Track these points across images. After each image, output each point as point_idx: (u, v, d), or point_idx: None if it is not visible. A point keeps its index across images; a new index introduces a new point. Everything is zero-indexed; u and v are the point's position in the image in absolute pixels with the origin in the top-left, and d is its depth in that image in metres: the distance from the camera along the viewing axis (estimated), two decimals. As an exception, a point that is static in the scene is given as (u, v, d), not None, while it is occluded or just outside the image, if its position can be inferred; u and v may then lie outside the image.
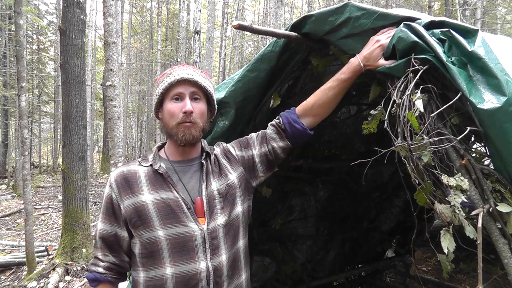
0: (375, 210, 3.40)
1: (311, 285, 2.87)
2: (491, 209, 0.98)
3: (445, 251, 1.03)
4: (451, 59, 1.04)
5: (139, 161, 1.27)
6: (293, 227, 2.88)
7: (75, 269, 4.94)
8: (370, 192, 3.20)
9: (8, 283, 5.16)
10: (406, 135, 1.08)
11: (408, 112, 1.07)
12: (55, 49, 16.96)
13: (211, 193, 1.21)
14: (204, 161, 1.26)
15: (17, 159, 11.64)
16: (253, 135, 1.40)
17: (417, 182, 1.10)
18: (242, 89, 1.60)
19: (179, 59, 14.54)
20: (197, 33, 10.46)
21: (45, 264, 5.21)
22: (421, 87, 1.07)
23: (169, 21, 21.61)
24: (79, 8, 5.27)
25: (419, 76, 1.07)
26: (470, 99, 0.97)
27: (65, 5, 5.24)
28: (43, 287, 4.51)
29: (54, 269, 4.87)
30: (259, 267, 2.59)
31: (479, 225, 0.96)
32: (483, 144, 1.10)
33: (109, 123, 4.72)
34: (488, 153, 1.06)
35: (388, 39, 1.18)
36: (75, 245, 5.21)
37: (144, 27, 21.61)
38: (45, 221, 8.82)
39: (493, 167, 1.03)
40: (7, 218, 9.17)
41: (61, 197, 7.90)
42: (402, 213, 3.50)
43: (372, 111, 1.27)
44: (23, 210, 5.44)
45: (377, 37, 1.22)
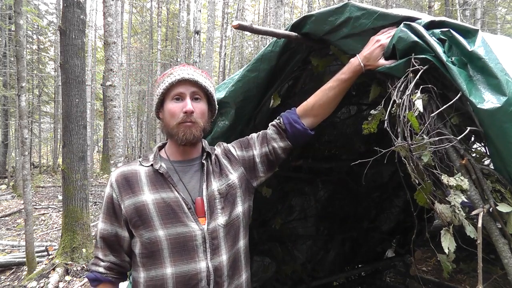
0: (375, 210, 3.40)
1: (311, 285, 2.87)
2: (491, 209, 0.98)
3: (446, 251, 1.03)
4: (451, 59, 1.04)
5: (139, 161, 1.27)
6: (293, 227, 2.88)
7: (75, 269, 4.94)
8: (370, 192, 3.20)
9: (8, 283, 5.16)
10: (406, 135, 1.08)
11: (408, 112, 1.07)
12: (55, 49, 16.97)
13: (212, 193, 1.21)
14: (204, 161, 1.26)
15: (17, 159, 11.64)
16: (253, 135, 1.40)
17: (417, 182, 1.10)
18: (242, 89, 1.60)
19: (179, 59, 14.54)
20: (197, 33, 10.46)
21: (45, 264, 5.21)
22: (421, 87, 1.07)
23: (169, 21, 21.61)
24: (79, 8, 5.27)
25: (419, 76, 1.07)
26: (470, 99, 0.97)
27: (65, 5, 5.24)
28: (43, 287, 4.51)
29: (54, 269, 4.87)
30: (259, 267, 2.59)
31: (479, 225, 0.96)
32: (483, 144, 1.10)
33: (109, 123, 4.73)
34: (488, 153, 1.06)
35: (388, 39, 1.18)
36: (75, 245, 5.21)
37: (144, 27, 21.61)
38: (45, 221, 8.82)
39: (493, 167, 1.04)
40: (7, 218, 9.17)
41: (61, 197, 7.90)
42: (402, 213, 3.50)
43: (372, 111, 1.27)
44: (23, 210, 5.44)
45: (377, 37, 1.22)
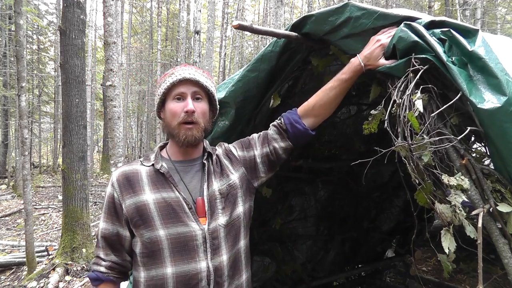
0: (375, 210, 3.40)
1: (311, 285, 2.87)
2: (491, 209, 0.98)
3: (446, 251, 1.03)
4: (452, 59, 1.04)
5: (141, 161, 1.27)
6: (293, 227, 2.88)
7: (75, 269, 4.94)
8: (370, 192, 3.20)
9: (8, 283, 5.16)
10: (406, 135, 1.08)
11: (408, 112, 1.07)
12: (55, 49, 16.96)
13: (213, 193, 1.21)
14: (205, 161, 1.26)
15: (17, 159, 11.64)
16: (254, 136, 1.40)
17: (417, 182, 1.10)
18: (242, 89, 1.60)
19: (179, 59, 14.54)
20: (197, 33, 10.46)
21: (45, 264, 5.21)
22: (421, 87, 1.07)
23: (169, 21, 21.62)
24: (79, 8, 5.27)
25: (419, 76, 1.07)
26: (470, 99, 0.97)
27: (65, 5, 5.24)
28: (43, 287, 4.51)
29: (54, 269, 4.87)
30: (259, 267, 2.58)
31: (479, 225, 0.96)
32: (483, 144, 1.10)
33: (109, 123, 4.73)
34: (488, 153, 1.06)
35: (388, 39, 1.18)
36: (75, 245, 5.21)
37: (144, 27, 21.61)
38: (45, 221, 8.82)
39: (493, 167, 1.04)
40: (7, 218, 9.17)
41: (61, 197, 7.90)
42: (402, 213, 3.50)
43: (372, 111, 1.27)
44: (23, 210, 5.44)
45: (377, 36, 1.22)
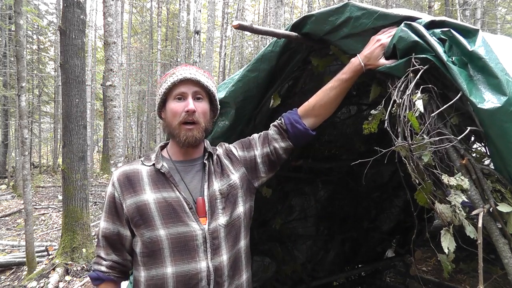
0: (375, 210, 3.40)
1: (311, 285, 2.87)
2: (491, 209, 0.98)
3: (446, 251, 1.03)
4: (452, 58, 1.04)
5: (141, 161, 1.27)
6: (293, 227, 2.88)
7: (75, 269, 4.94)
8: (370, 192, 3.20)
9: (8, 283, 5.16)
10: (406, 135, 1.08)
11: (408, 112, 1.07)
12: (55, 49, 16.96)
13: (213, 193, 1.21)
14: (206, 161, 1.26)
15: (17, 159, 11.64)
16: (255, 136, 1.40)
17: (418, 182, 1.10)
18: (242, 89, 1.60)
19: (179, 59, 14.54)
20: (197, 33, 10.46)
21: (45, 264, 5.21)
22: (422, 87, 1.07)
23: (169, 21, 21.62)
24: (79, 8, 5.27)
25: (419, 76, 1.07)
26: (470, 99, 0.97)
27: (65, 5, 5.24)
28: (43, 287, 4.50)
29: (54, 269, 4.87)
30: (259, 267, 2.58)
31: (480, 225, 0.96)
32: (483, 144, 1.10)
33: (109, 123, 4.73)
34: (488, 153, 1.06)
35: (388, 39, 1.18)
36: (75, 245, 5.21)
37: (144, 27, 21.62)
38: (45, 221, 8.82)
39: (494, 167, 1.04)
40: (7, 218, 9.17)
41: (61, 197, 7.90)
42: (402, 213, 3.50)
43: (372, 111, 1.27)
44: (23, 210, 5.44)
45: (377, 36, 1.22)
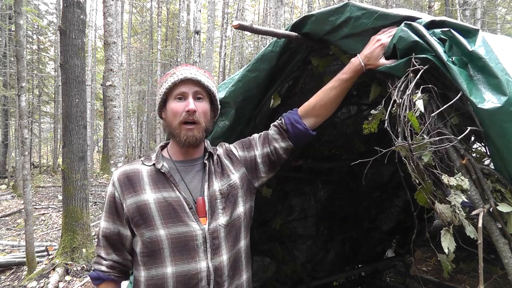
0: (375, 210, 3.40)
1: (311, 285, 2.87)
2: (491, 209, 0.98)
3: (446, 251, 1.03)
4: (452, 58, 1.04)
5: (142, 161, 1.27)
6: (293, 227, 2.88)
7: (75, 269, 4.94)
8: (370, 192, 3.20)
9: (8, 283, 5.16)
10: (406, 135, 1.08)
11: (408, 112, 1.07)
12: (55, 49, 16.96)
13: (213, 193, 1.21)
14: (206, 161, 1.26)
15: (17, 159, 11.64)
16: (255, 136, 1.40)
17: (418, 182, 1.10)
18: (242, 89, 1.60)
19: (179, 59, 14.54)
20: (197, 33, 10.46)
21: (45, 264, 5.21)
22: (422, 87, 1.07)
23: (169, 21, 21.62)
24: (79, 8, 5.27)
25: (419, 75, 1.07)
26: (470, 98, 0.97)
27: (65, 5, 5.24)
28: (43, 287, 4.50)
29: (54, 269, 4.87)
30: (259, 267, 2.58)
31: (480, 225, 0.96)
32: (483, 144, 1.10)
33: (109, 123, 4.73)
34: (488, 153, 1.06)
35: (389, 39, 1.18)
36: (75, 245, 5.21)
37: (144, 27, 21.62)
38: (45, 221, 8.82)
39: (494, 167, 1.04)
40: (7, 218, 9.17)
41: (61, 197, 7.90)
42: (402, 213, 3.50)
43: (372, 111, 1.27)
44: (23, 210, 5.44)
45: (378, 36, 1.22)
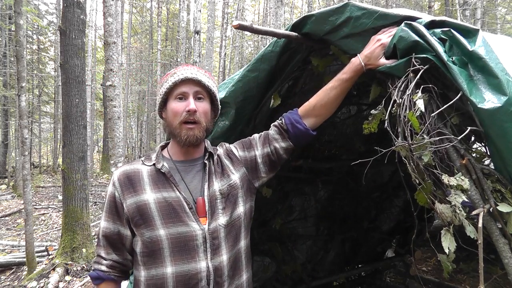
0: (375, 210, 3.40)
1: (311, 285, 2.87)
2: (491, 209, 0.98)
3: (446, 251, 1.03)
4: (452, 58, 1.03)
5: (142, 160, 1.27)
6: (293, 227, 2.88)
7: (75, 269, 4.94)
8: (370, 192, 3.20)
9: (8, 283, 5.16)
10: (406, 135, 1.08)
11: (408, 111, 1.07)
12: (55, 49, 16.96)
13: (213, 193, 1.21)
14: (207, 161, 1.26)
15: (17, 159, 11.64)
16: (255, 136, 1.40)
17: (418, 182, 1.10)
18: (242, 89, 1.60)
19: (179, 59, 14.54)
20: (197, 33, 10.46)
21: (45, 264, 5.21)
22: (422, 86, 1.07)
23: (169, 21, 21.62)
24: (79, 8, 5.27)
25: (419, 75, 1.07)
26: (470, 98, 0.97)
27: (65, 5, 5.24)
28: (43, 287, 4.50)
29: (54, 269, 4.87)
30: (259, 267, 2.58)
31: (480, 225, 0.96)
32: (483, 144, 1.10)
33: (109, 123, 4.73)
34: (488, 153, 1.06)
35: (389, 38, 1.18)
36: (75, 245, 5.21)
37: (144, 27, 21.62)
38: (45, 221, 8.81)
39: (494, 167, 1.03)
40: (7, 218, 9.17)
41: (61, 197, 7.90)
42: (402, 213, 3.50)
43: (372, 111, 1.27)
44: (23, 210, 5.44)
45: (378, 36, 1.22)
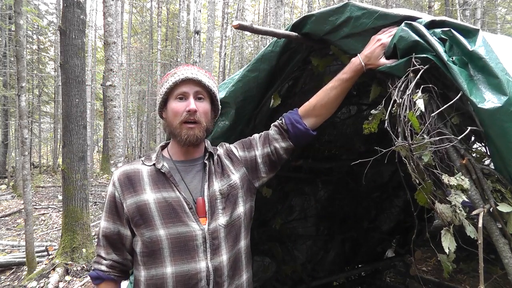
0: (375, 210, 3.40)
1: (311, 285, 2.87)
2: (491, 209, 0.98)
3: (446, 251, 1.03)
4: (452, 58, 1.03)
5: (142, 160, 1.27)
6: (293, 227, 2.88)
7: (75, 269, 4.94)
8: (370, 192, 3.20)
9: (8, 283, 5.16)
10: (406, 134, 1.08)
11: (408, 111, 1.07)
12: (55, 49, 16.96)
13: (213, 193, 1.21)
14: (207, 161, 1.26)
15: (17, 159, 11.63)
16: (256, 136, 1.40)
17: (418, 182, 1.10)
18: (242, 89, 1.60)
19: (179, 59, 14.54)
20: (197, 33, 10.46)
21: (45, 264, 5.21)
22: (422, 86, 1.07)
23: (169, 21, 21.62)
24: (79, 8, 5.27)
25: (419, 75, 1.07)
26: (470, 98, 0.97)
27: (65, 5, 5.24)
28: (43, 287, 4.50)
29: (54, 269, 4.86)
30: (259, 267, 2.58)
31: (480, 225, 0.96)
32: (483, 144, 1.10)
33: (109, 123, 4.73)
34: (488, 153, 1.06)
35: (389, 38, 1.18)
36: (75, 245, 5.21)
37: (144, 27, 21.62)
38: (45, 221, 8.81)
39: (494, 167, 1.03)
40: (7, 218, 9.17)
41: (61, 197, 7.90)
42: (402, 213, 3.50)
43: (372, 111, 1.27)
44: (23, 210, 5.44)
45: (378, 36, 1.22)
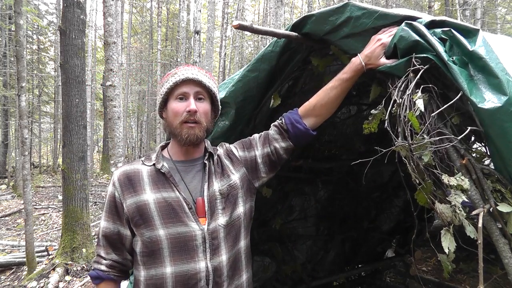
0: (375, 210, 3.40)
1: (311, 285, 2.87)
2: (491, 209, 0.98)
3: (446, 251, 1.03)
4: (452, 58, 1.03)
5: (142, 161, 1.27)
6: (293, 227, 2.88)
7: (75, 269, 4.94)
8: (370, 192, 3.20)
9: (8, 283, 5.16)
10: (406, 134, 1.08)
11: (408, 111, 1.07)
12: (55, 49, 16.96)
13: (213, 194, 1.21)
14: (207, 162, 1.26)
15: (17, 159, 11.64)
16: (256, 136, 1.40)
17: (418, 182, 1.10)
18: (242, 89, 1.60)
19: (179, 59, 14.54)
20: (197, 33, 10.46)
21: (45, 264, 5.21)
22: (422, 86, 1.07)
23: (169, 21, 21.62)
24: (79, 8, 5.27)
25: (419, 75, 1.07)
26: (470, 98, 0.97)
27: (65, 5, 5.24)
28: (43, 287, 4.50)
29: (54, 269, 4.86)
30: (259, 267, 2.58)
31: (480, 225, 0.96)
32: (483, 144, 1.10)
33: (109, 123, 4.73)
34: (488, 153, 1.06)
35: (389, 38, 1.18)
36: (75, 245, 5.21)
37: (144, 27, 21.62)
38: (45, 221, 8.81)
39: (494, 167, 1.03)
40: (7, 218, 9.16)
41: (61, 197, 7.90)
42: (402, 213, 3.50)
43: (372, 111, 1.27)
44: (23, 210, 5.44)
45: (378, 36, 1.22)
